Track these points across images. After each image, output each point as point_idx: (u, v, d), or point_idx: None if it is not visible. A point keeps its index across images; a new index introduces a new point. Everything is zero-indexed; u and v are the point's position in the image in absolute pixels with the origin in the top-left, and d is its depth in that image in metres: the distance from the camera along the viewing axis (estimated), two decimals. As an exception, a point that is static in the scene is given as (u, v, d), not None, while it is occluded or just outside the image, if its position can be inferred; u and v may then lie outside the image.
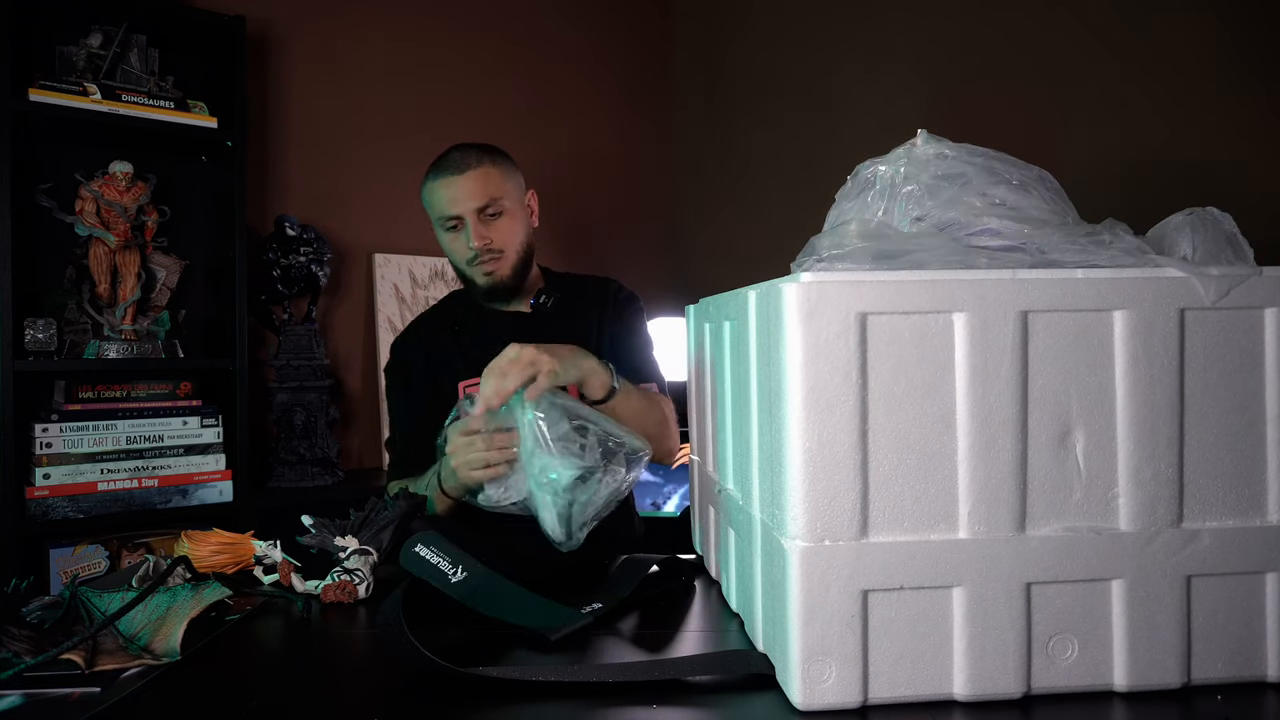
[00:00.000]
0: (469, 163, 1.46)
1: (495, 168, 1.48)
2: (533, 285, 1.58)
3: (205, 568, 0.98)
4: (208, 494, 1.99)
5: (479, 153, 1.49)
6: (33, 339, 1.82)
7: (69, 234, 1.91)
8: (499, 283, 1.50)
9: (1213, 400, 0.69)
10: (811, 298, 0.65)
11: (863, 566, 0.65)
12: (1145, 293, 0.68)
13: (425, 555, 0.88)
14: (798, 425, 0.65)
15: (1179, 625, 0.67)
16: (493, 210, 1.47)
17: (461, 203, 1.45)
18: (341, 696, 0.73)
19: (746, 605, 0.82)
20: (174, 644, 0.78)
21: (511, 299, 1.55)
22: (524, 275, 1.53)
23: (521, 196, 1.54)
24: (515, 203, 1.51)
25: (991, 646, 0.66)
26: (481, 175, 1.46)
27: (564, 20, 2.87)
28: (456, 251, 1.50)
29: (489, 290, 1.51)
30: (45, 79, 1.85)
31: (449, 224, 1.48)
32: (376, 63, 2.50)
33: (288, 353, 2.21)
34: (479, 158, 1.48)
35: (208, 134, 2.02)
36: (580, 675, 0.71)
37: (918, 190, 0.76)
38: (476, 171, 1.46)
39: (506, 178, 1.50)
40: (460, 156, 1.48)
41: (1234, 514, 0.69)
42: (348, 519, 1.06)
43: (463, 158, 1.47)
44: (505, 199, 1.48)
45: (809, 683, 0.65)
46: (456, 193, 1.45)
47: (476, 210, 1.45)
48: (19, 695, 0.70)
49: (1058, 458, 0.68)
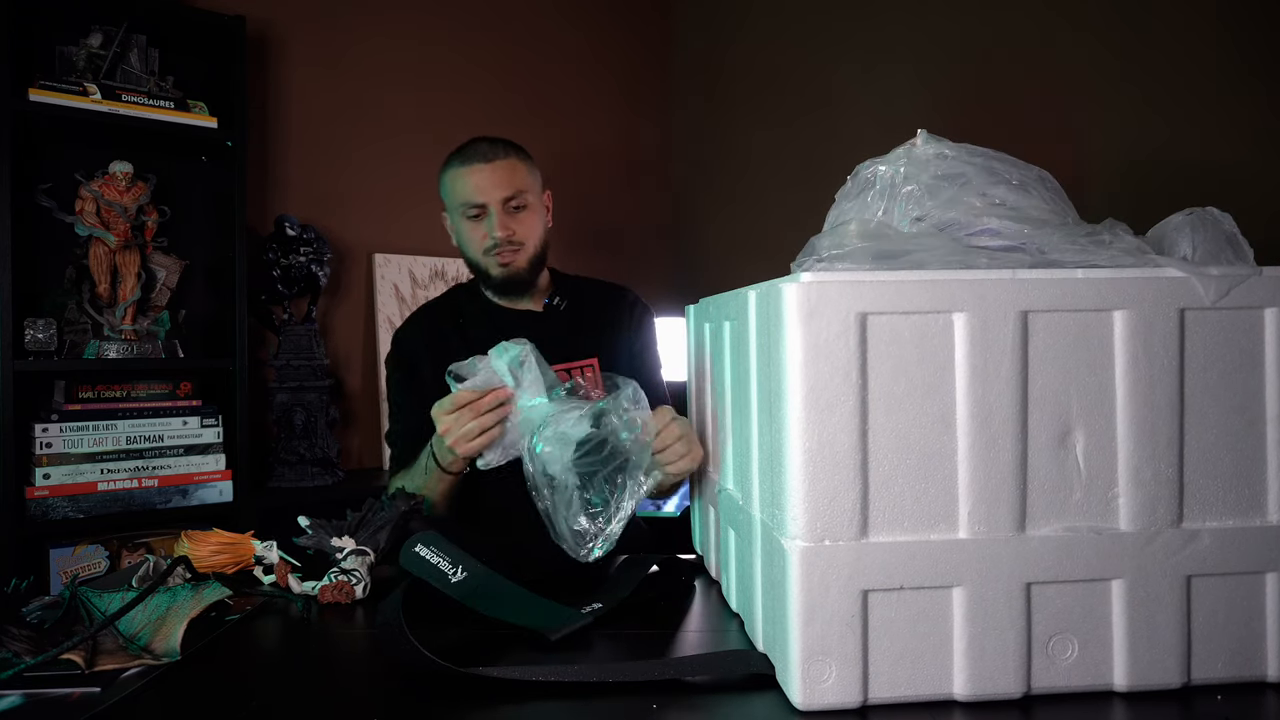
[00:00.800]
0: (497, 153, 1.48)
1: (521, 162, 1.50)
2: (543, 285, 1.58)
3: (205, 568, 0.98)
4: (208, 494, 1.99)
5: (506, 146, 1.50)
6: (33, 339, 1.82)
7: (69, 234, 1.91)
8: (514, 274, 1.50)
9: (1213, 400, 0.69)
10: (811, 298, 0.65)
11: (863, 566, 0.65)
12: (1145, 293, 0.68)
13: (425, 555, 0.88)
14: (798, 425, 0.65)
15: (1179, 625, 0.67)
16: (517, 203, 1.48)
17: (488, 191, 1.46)
18: (341, 696, 0.73)
19: (746, 605, 0.82)
20: (174, 644, 0.78)
21: (522, 295, 1.55)
22: (538, 271, 1.54)
23: (541, 194, 1.55)
24: (536, 199, 1.52)
25: (991, 646, 0.66)
26: (509, 167, 1.47)
27: (564, 20, 2.87)
28: (474, 240, 1.50)
29: (503, 282, 1.51)
30: (45, 79, 1.85)
31: (471, 212, 1.48)
32: (376, 63, 2.50)
33: (288, 353, 2.21)
34: (506, 150, 1.49)
35: (208, 134, 2.02)
36: (580, 675, 0.71)
37: (918, 190, 0.76)
38: (505, 163, 1.47)
39: (530, 173, 1.52)
40: (489, 147, 1.49)
41: (1234, 514, 0.69)
42: (345, 519, 1.06)
43: (491, 148, 1.49)
44: (529, 193, 1.49)
45: (809, 683, 0.65)
46: (484, 181, 1.46)
47: (502, 200, 1.46)
48: (19, 695, 0.70)
49: (1058, 458, 0.68)
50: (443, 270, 2.58)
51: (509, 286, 1.52)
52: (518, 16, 2.77)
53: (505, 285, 1.51)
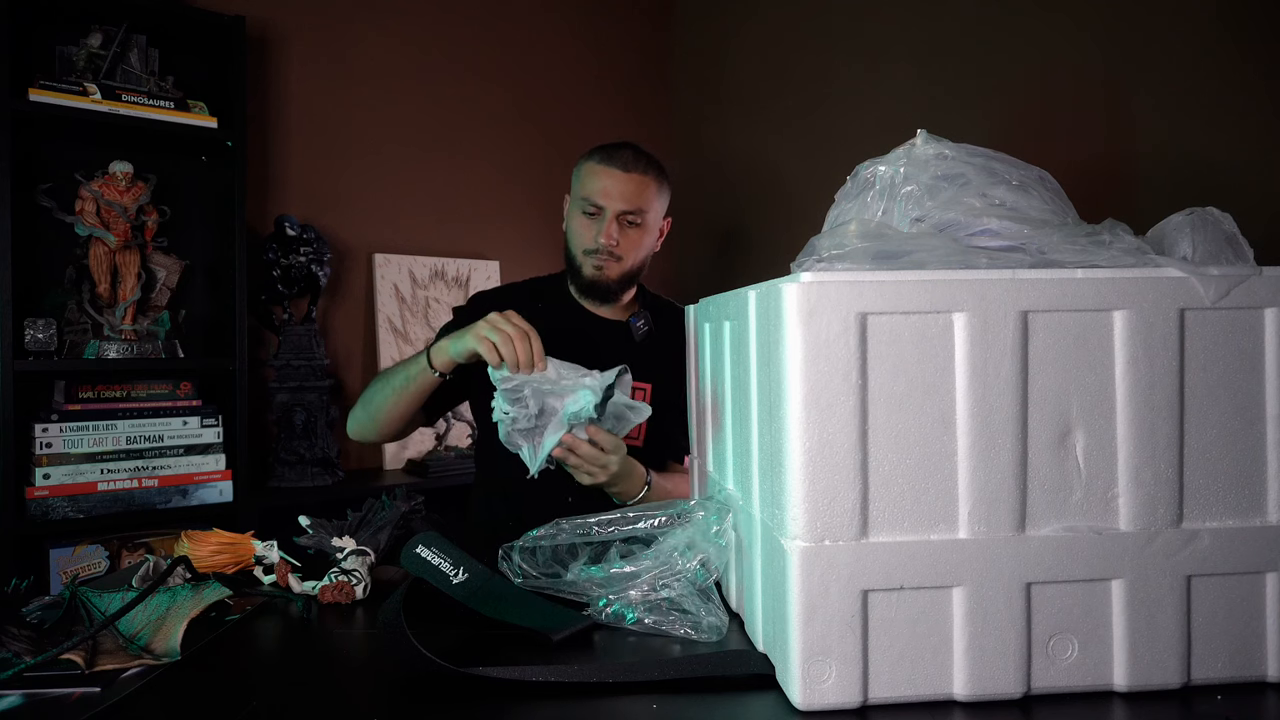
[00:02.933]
0: (637, 165, 1.48)
1: (655, 181, 1.50)
2: (627, 300, 1.59)
3: (205, 568, 0.98)
4: (208, 494, 1.99)
5: (648, 161, 1.51)
6: (33, 339, 1.82)
7: (69, 234, 1.91)
8: (602, 281, 1.51)
9: (1213, 400, 0.69)
10: (811, 298, 0.65)
11: (863, 566, 0.65)
12: (1145, 293, 0.68)
13: (426, 556, 0.88)
14: (798, 425, 0.65)
15: (1179, 625, 0.67)
16: (634, 219, 1.48)
17: (613, 198, 1.47)
18: (341, 696, 0.73)
19: (746, 605, 0.82)
20: (174, 644, 0.78)
21: (604, 302, 1.55)
22: (626, 286, 1.55)
23: (660, 218, 1.56)
24: (654, 219, 1.53)
25: (991, 646, 0.66)
26: (641, 182, 1.48)
27: (564, 21, 2.87)
28: (582, 235, 1.51)
29: (589, 284, 1.52)
30: (45, 79, 1.85)
31: (590, 209, 1.49)
32: (376, 63, 2.50)
33: (288, 353, 2.21)
34: (646, 167, 1.50)
35: (208, 134, 2.02)
36: (580, 675, 0.71)
37: (917, 190, 0.76)
38: (640, 177, 1.48)
39: (658, 196, 1.52)
40: (633, 157, 1.49)
41: (1234, 514, 0.69)
42: (345, 519, 1.06)
43: (634, 159, 1.49)
44: (649, 213, 1.50)
45: (809, 683, 0.65)
46: (613, 186, 1.47)
47: (621, 211, 1.47)
48: (19, 695, 0.70)
49: (1058, 458, 0.68)
50: (443, 270, 2.58)
51: (593, 290, 1.53)
52: (518, 17, 2.76)
53: (590, 288, 1.52)
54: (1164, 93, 1.46)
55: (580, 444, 1.16)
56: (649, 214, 1.49)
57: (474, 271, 2.62)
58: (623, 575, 0.87)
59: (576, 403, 1.06)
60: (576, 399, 1.07)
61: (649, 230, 1.51)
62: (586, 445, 1.16)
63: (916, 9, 2.02)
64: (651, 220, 1.51)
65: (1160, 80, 1.47)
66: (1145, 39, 1.50)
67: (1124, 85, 1.53)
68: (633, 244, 1.49)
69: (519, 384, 1.08)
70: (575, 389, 1.07)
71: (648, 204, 1.48)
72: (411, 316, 2.51)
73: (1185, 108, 1.43)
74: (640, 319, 1.55)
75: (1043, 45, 1.70)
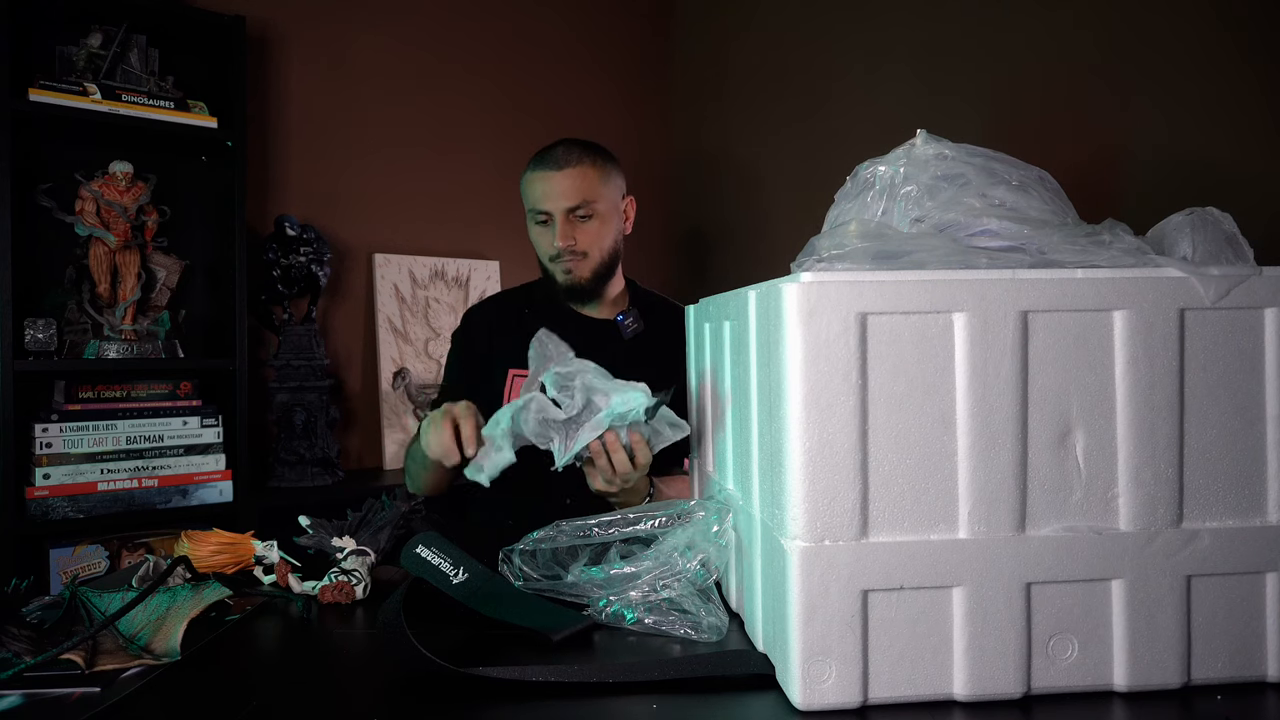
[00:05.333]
0: (569, 160, 1.45)
1: (594, 168, 1.47)
2: (616, 293, 1.57)
3: (205, 568, 0.98)
4: (208, 494, 1.99)
5: (582, 151, 1.47)
6: (33, 339, 1.82)
7: (69, 234, 1.91)
8: (576, 284, 1.50)
9: (1213, 400, 0.69)
10: (811, 298, 0.65)
11: (863, 566, 0.65)
12: (1145, 293, 0.68)
13: (426, 556, 0.88)
14: (798, 425, 0.65)
15: (1179, 625, 0.67)
16: (583, 212, 1.46)
17: (554, 200, 1.45)
18: (341, 696, 0.73)
19: (746, 605, 0.82)
20: (174, 644, 0.78)
21: (589, 302, 1.54)
22: (604, 280, 1.52)
23: (618, 201, 1.52)
24: (609, 206, 1.49)
25: (991, 646, 0.66)
26: (578, 175, 1.45)
27: (564, 21, 2.87)
28: (541, 245, 1.50)
29: (566, 290, 1.51)
30: (45, 79, 1.85)
31: (539, 218, 1.48)
32: (376, 63, 2.50)
33: (288, 353, 2.21)
34: (580, 156, 1.46)
35: (208, 134, 2.02)
36: (580, 675, 0.71)
37: (917, 191, 0.76)
38: (574, 170, 1.45)
39: (604, 180, 1.48)
40: (563, 152, 1.47)
41: (1234, 514, 0.69)
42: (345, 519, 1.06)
43: (565, 154, 1.46)
44: (598, 202, 1.47)
45: (809, 683, 0.65)
46: (551, 188, 1.45)
47: (566, 210, 1.45)
48: (19, 695, 0.70)
49: (1058, 458, 0.68)
50: (443, 270, 2.58)
51: (572, 293, 1.52)
52: (518, 17, 2.76)
53: (569, 291, 1.52)
54: (1164, 93, 1.46)
55: (620, 448, 1.07)
56: (598, 203, 1.46)
57: (474, 271, 2.62)
58: (623, 576, 0.87)
59: (626, 403, 1.03)
60: (627, 399, 1.04)
61: (605, 218, 1.48)
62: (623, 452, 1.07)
63: (916, 9, 2.02)
64: (604, 208, 1.48)
65: (1160, 80, 1.47)
66: (1145, 39, 1.50)
67: (1124, 85, 1.53)
68: (592, 237, 1.47)
69: (572, 372, 1.06)
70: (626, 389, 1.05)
71: (593, 194, 1.46)
72: (411, 316, 2.51)
73: (1185, 108, 1.43)
74: (629, 317, 1.53)
75: (1043, 45, 1.70)
